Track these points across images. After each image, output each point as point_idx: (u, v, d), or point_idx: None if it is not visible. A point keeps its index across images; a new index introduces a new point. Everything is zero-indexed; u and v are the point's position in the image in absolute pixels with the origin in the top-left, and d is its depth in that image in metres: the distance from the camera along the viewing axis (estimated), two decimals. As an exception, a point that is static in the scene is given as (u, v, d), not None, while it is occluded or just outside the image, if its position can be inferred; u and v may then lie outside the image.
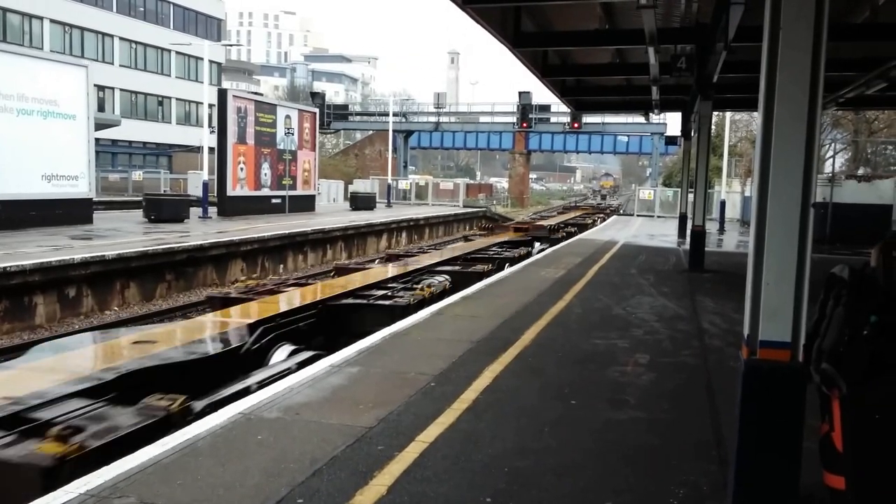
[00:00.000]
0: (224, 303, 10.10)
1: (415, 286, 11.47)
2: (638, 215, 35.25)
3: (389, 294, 10.57)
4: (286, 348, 7.80)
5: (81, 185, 18.76)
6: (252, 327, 7.82)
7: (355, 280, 12.06)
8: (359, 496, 3.89)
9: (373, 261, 18.72)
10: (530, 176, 72.31)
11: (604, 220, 34.29)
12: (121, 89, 50.47)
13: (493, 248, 18.94)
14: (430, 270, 13.52)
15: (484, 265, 14.44)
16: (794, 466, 3.42)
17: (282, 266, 19.12)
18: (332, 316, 9.63)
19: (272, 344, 7.78)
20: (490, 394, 5.77)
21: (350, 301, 10.13)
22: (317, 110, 31.54)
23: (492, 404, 5.51)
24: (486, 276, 13.05)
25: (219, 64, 58.19)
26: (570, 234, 25.41)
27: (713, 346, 7.97)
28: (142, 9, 52.24)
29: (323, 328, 9.36)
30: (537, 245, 21.68)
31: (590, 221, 32.36)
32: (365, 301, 10.08)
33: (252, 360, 7.32)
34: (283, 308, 9.11)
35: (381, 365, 6.59)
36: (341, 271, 14.31)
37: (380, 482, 4.06)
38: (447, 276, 12.80)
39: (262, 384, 6.31)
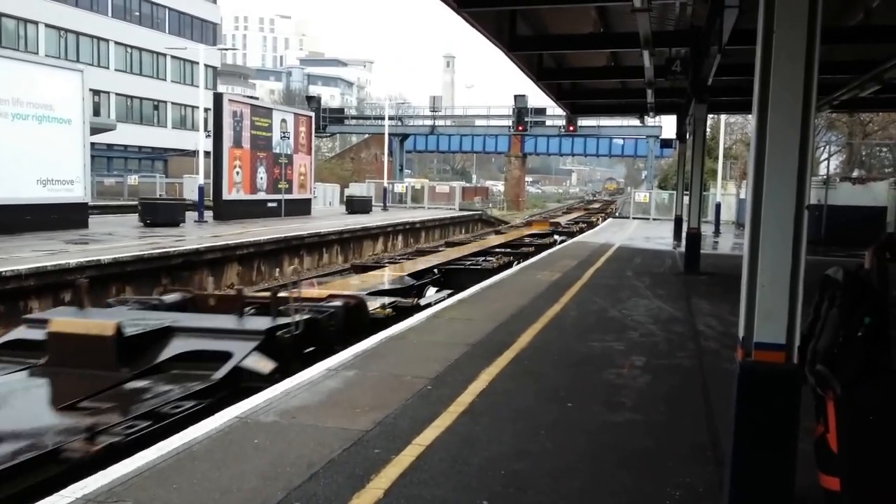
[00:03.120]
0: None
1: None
2: (634, 218, 35.25)
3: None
4: (433, 289, 12.97)
5: (77, 190, 18.71)
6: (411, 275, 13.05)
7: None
8: (356, 500, 3.89)
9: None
10: (526, 179, 72.41)
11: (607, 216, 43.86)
12: (116, 93, 50.45)
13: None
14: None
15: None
16: (790, 468, 3.43)
17: (277, 270, 19.08)
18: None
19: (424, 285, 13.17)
20: (486, 397, 5.78)
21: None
22: (312, 114, 31.45)
23: (488, 407, 5.52)
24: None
25: (214, 68, 58.16)
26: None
27: (709, 348, 7.98)
28: (137, 13, 52.24)
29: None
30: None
31: (611, 209, 49.18)
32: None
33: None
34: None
35: (377, 368, 6.60)
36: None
37: (377, 485, 4.06)
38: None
39: (432, 303, 10.63)
